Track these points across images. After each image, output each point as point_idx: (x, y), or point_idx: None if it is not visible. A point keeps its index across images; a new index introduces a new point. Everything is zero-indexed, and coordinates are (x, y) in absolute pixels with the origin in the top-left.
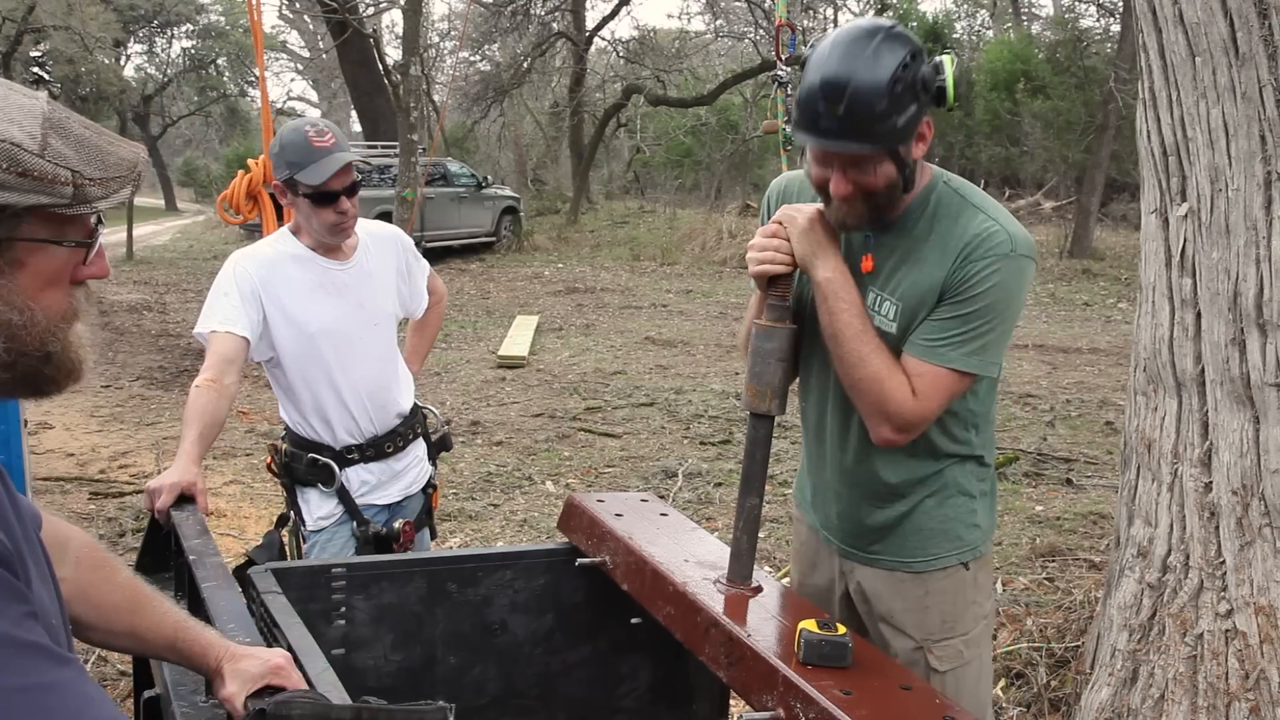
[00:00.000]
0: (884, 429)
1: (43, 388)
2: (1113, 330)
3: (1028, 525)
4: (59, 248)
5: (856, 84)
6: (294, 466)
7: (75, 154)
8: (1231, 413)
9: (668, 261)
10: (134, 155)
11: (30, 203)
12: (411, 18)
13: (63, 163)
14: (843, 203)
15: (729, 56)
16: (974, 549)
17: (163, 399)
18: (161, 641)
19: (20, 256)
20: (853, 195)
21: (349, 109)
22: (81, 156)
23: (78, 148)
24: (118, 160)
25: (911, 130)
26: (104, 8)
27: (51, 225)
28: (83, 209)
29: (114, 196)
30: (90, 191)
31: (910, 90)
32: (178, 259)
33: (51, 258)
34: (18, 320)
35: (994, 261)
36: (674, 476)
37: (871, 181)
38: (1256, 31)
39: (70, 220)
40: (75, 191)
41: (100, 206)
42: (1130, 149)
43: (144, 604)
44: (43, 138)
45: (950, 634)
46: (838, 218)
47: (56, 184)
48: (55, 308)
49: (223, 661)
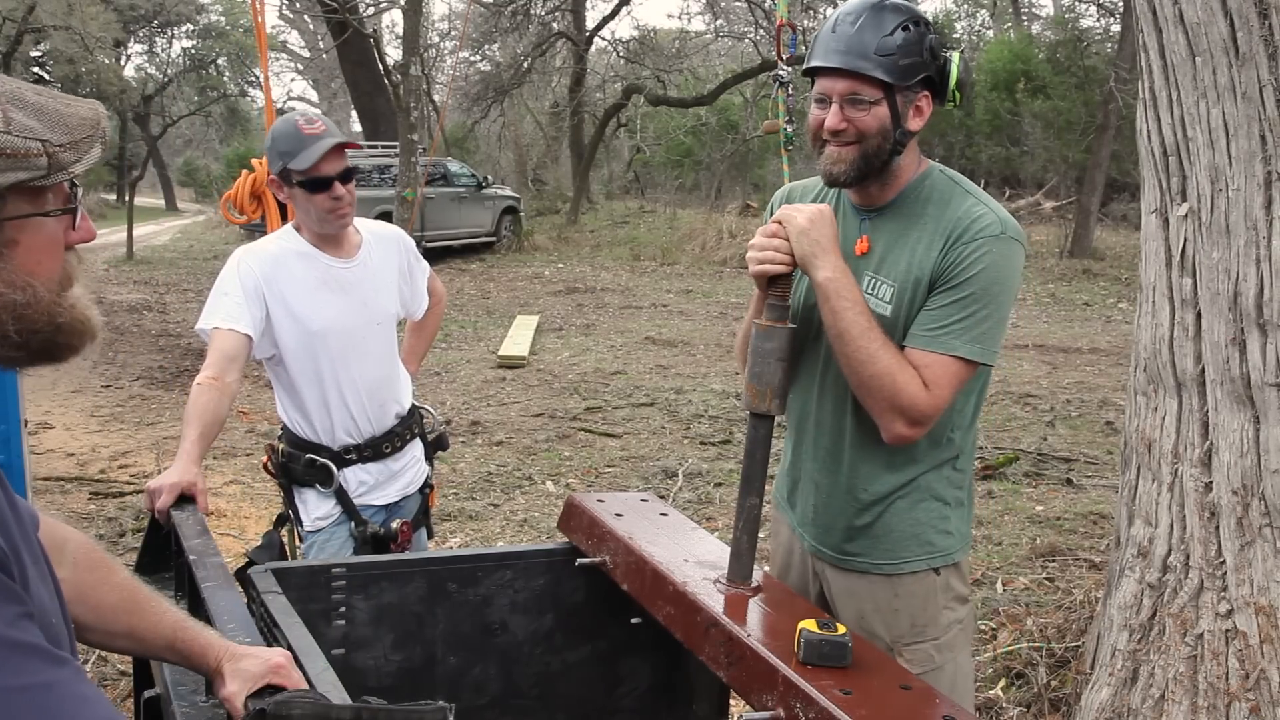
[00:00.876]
0: (898, 424)
1: (60, 355)
2: (1113, 330)
3: (1028, 525)
4: (45, 219)
5: (868, 20)
6: (291, 467)
7: (39, 123)
8: (1232, 413)
9: (668, 261)
10: (93, 112)
11: (8, 181)
12: (411, 18)
13: (30, 134)
14: (835, 144)
15: (729, 56)
16: (946, 555)
17: (163, 399)
18: (160, 642)
19: (12, 236)
20: (846, 134)
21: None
22: (45, 124)
23: (39, 116)
24: (79, 120)
25: (910, 78)
26: (104, 8)
27: (32, 198)
28: (59, 176)
29: (86, 158)
30: (63, 158)
31: (917, 44)
32: (178, 259)
33: (41, 230)
34: (21, 300)
35: (984, 243)
36: (674, 476)
37: (865, 121)
38: (1257, 31)
39: (48, 190)
40: (49, 161)
41: (75, 170)
42: (1130, 149)
43: (142, 604)
44: (3, 114)
45: (920, 638)
46: (827, 165)
47: (30, 157)
48: (53, 277)
49: (223, 661)
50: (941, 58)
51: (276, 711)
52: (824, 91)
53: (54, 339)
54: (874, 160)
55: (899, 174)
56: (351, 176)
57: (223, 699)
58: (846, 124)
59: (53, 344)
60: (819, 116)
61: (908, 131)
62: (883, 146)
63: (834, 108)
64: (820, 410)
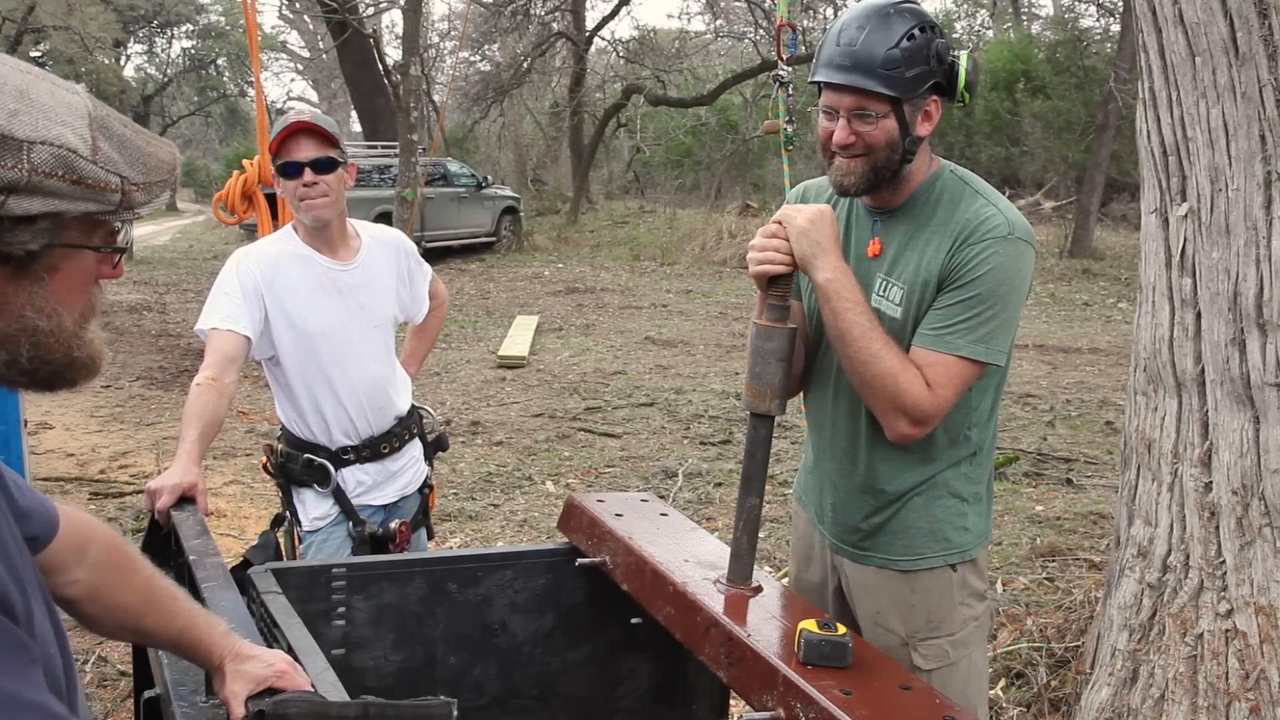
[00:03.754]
0: (901, 424)
1: (60, 387)
2: (1113, 330)
3: (1028, 525)
4: (93, 252)
5: (874, 30)
6: (289, 467)
7: (121, 157)
8: (1231, 413)
9: (668, 261)
10: (171, 156)
11: (80, 210)
12: (411, 18)
13: (113, 169)
14: (844, 156)
15: (729, 56)
16: (963, 551)
17: (163, 399)
18: (166, 641)
19: (56, 262)
20: (855, 147)
21: (349, 109)
22: (126, 159)
23: (121, 149)
24: (158, 163)
25: (918, 88)
26: (104, 8)
27: (86, 230)
28: (125, 215)
29: (155, 201)
30: (135, 197)
31: (923, 51)
32: (178, 259)
33: (83, 262)
34: (45, 326)
35: (992, 244)
36: (674, 476)
37: (873, 134)
38: (1256, 31)
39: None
40: (122, 198)
41: (142, 213)
42: (1130, 149)
43: (155, 604)
44: (93, 141)
45: (935, 634)
46: (837, 177)
47: (107, 191)
48: (80, 309)
49: (225, 660)
50: (949, 61)
51: (275, 711)
52: (831, 105)
53: (63, 372)
54: (884, 171)
55: (910, 177)
56: (329, 167)
57: (222, 698)
58: (855, 138)
59: (59, 376)
60: (827, 128)
61: (917, 139)
62: (892, 157)
63: (841, 122)
64: (836, 410)
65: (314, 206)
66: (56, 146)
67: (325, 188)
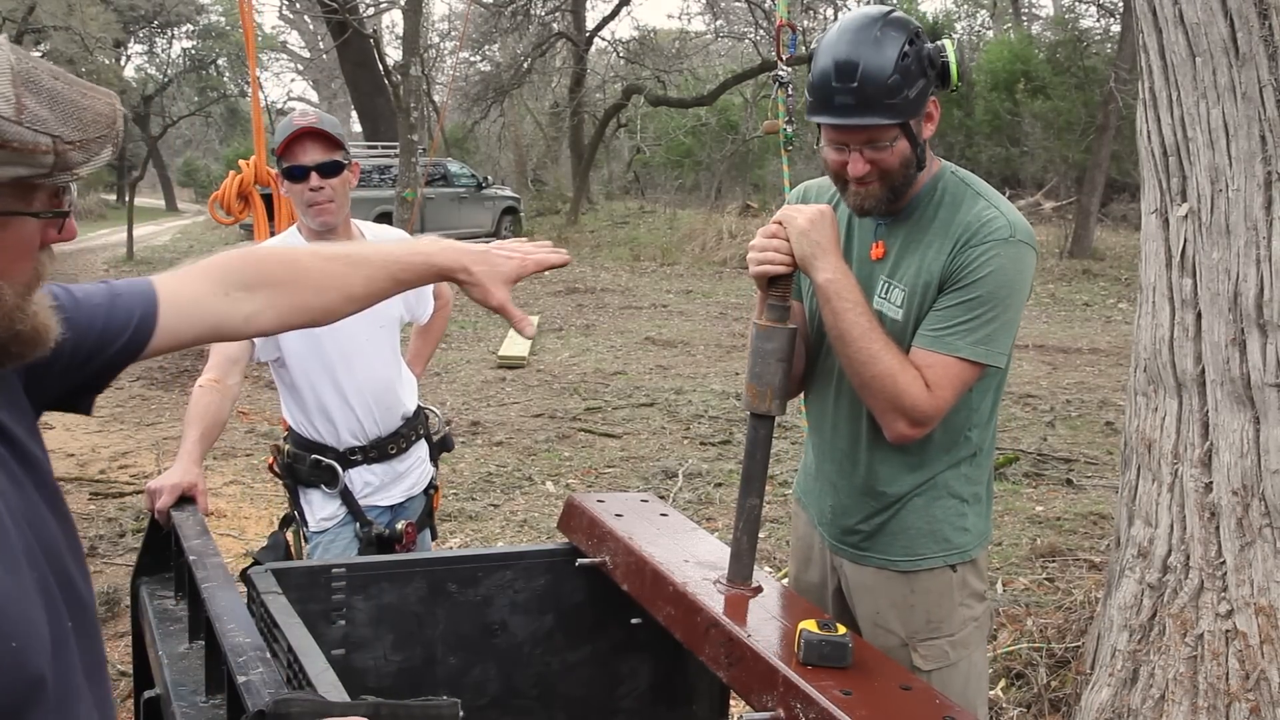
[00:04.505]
0: (900, 424)
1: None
2: (1113, 330)
3: (1028, 525)
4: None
5: (867, 61)
6: (297, 468)
7: (51, 113)
8: (1232, 413)
9: (668, 262)
10: (110, 108)
11: (9, 176)
12: (411, 18)
13: (41, 127)
14: (860, 185)
15: (729, 57)
16: (963, 552)
17: (163, 399)
18: (385, 294)
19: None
20: (870, 175)
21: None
22: (58, 115)
23: (52, 105)
24: (94, 117)
25: (922, 104)
26: (104, 8)
27: (22, 194)
28: (62, 177)
29: (95, 160)
30: (71, 157)
31: (918, 64)
32: (178, 260)
33: (21, 228)
34: None
35: (992, 246)
36: (674, 477)
37: (888, 160)
38: (1257, 32)
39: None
40: (56, 159)
41: (82, 173)
42: (1130, 149)
43: (352, 268)
44: (17, 99)
45: (935, 634)
46: (856, 202)
47: (36, 153)
48: (21, 279)
49: (464, 268)
50: (940, 62)
51: (276, 711)
52: (840, 141)
53: (7, 347)
54: (901, 188)
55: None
56: (335, 171)
57: (497, 307)
58: (870, 167)
59: (3, 351)
60: (838, 160)
61: (924, 144)
62: (908, 174)
63: (855, 156)
64: (837, 412)
65: (321, 212)
66: None
67: (331, 192)
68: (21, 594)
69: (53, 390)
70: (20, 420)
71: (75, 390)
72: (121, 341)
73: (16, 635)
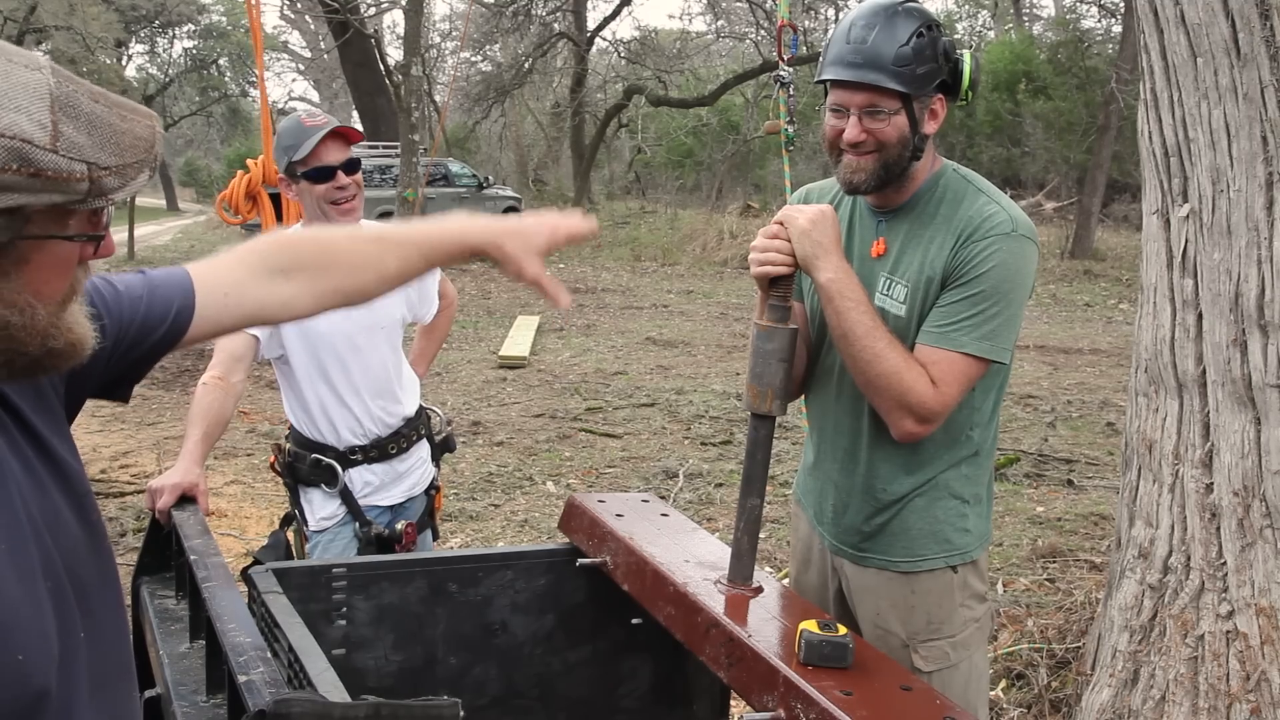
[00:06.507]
0: (906, 422)
1: (41, 375)
2: (1114, 331)
3: (1028, 526)
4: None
5: (883, 28)
6: (297, 467)
7: (88, 140)
8: (1233, 414)
9: (669, 262)
10: (149, 131)
11: (43, 204)
12: (413, 18)
13: (77, 155)
14: (854, 154)
15: (730, 57)
16: (964, 553)
17: (164, 399)
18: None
19: (25, 254)
20: (866, 145)
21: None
22: (95, 142)
23: (90, 130)
24: (133, 141)
25: (927, 85)
26: (106, 8)
27: (58, 219)
28: (97, 202)
29: (131, 185)
30: (107, 183)
31: (931, 48)
32: (179, 260)
33: (58, 251)
34: (17, 321)
35: (995, 241)
36: (675, 477)
37: (885, 131)
38: (1258, 32)
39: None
40: (91, 186)
41: (116, 199)
42: (1132, 150)
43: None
44: (53, 127)
45: (936, 635)
46: (846, 175)
47: (71, 181)
48: (56, 297)
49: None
50: (954, 59)
51: (277, 711)
52: (841, 103)
53: (41, 361)
54: (894, 168)
55: (914, 175)
56: (356, 167)
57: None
58: (867, 135)
59: (38, 365)
60: (836, 127)
61: (924, 136)
62: (903, 154)
63: (853, 119)
64: (838, 411)
65: (350, 210)
66: (8, 137)
67: (355, 189)
68: (34, 606)
69: (95, 380)
70: (52, 425)
71: (116, 380)
72: (162, 331)
73: (24, 648)
